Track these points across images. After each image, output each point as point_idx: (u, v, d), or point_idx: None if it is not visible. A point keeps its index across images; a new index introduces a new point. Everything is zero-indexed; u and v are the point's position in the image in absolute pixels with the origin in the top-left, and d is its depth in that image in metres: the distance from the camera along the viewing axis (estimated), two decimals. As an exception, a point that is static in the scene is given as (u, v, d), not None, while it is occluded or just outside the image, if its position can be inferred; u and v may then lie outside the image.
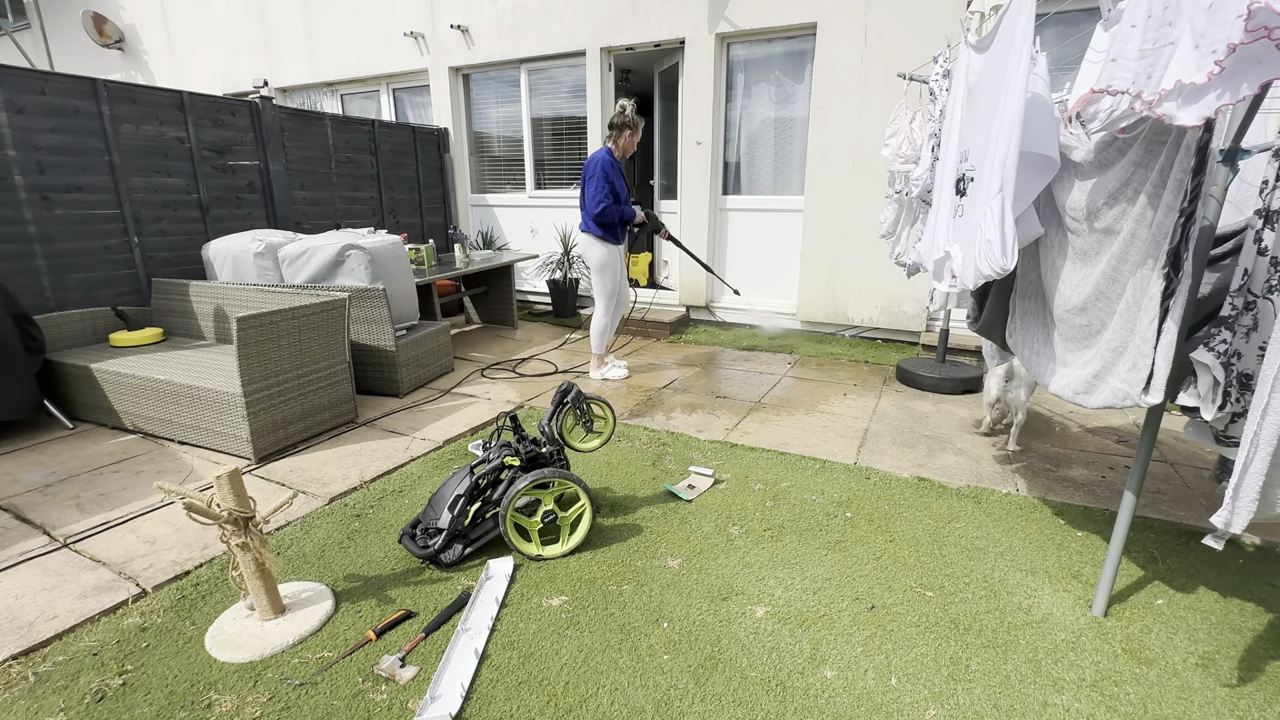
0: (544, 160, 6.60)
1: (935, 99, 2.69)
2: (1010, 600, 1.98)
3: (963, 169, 2.08)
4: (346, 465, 2.91)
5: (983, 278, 1.91)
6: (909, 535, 2.35)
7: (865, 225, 4.99)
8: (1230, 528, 1.39)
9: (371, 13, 6.75)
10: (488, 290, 5.92)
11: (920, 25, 4.53)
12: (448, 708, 1.53)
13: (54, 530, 2.34)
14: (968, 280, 1.99)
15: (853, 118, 4.91)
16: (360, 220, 5.74)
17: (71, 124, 3.69)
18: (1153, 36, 1.31)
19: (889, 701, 1.59)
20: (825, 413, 3.66)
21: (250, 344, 2.82)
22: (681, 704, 1.57)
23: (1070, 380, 1.92)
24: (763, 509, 2.55)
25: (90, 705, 1.56)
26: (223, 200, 4.55)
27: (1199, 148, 1.43)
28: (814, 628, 1.85)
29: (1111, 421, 3.54)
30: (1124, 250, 1.66)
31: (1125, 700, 1.59)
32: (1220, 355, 1.45)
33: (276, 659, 1.72)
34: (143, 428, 3.23)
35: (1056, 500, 2.62)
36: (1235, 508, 1.37)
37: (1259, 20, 1.14)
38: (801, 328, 5.61)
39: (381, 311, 3.70)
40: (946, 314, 4.23)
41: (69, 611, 1.89)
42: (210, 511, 1.69)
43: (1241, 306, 1.43)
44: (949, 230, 2.17)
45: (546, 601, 1.97)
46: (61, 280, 3.70)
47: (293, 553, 2.23)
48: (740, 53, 5.45)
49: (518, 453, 2.27)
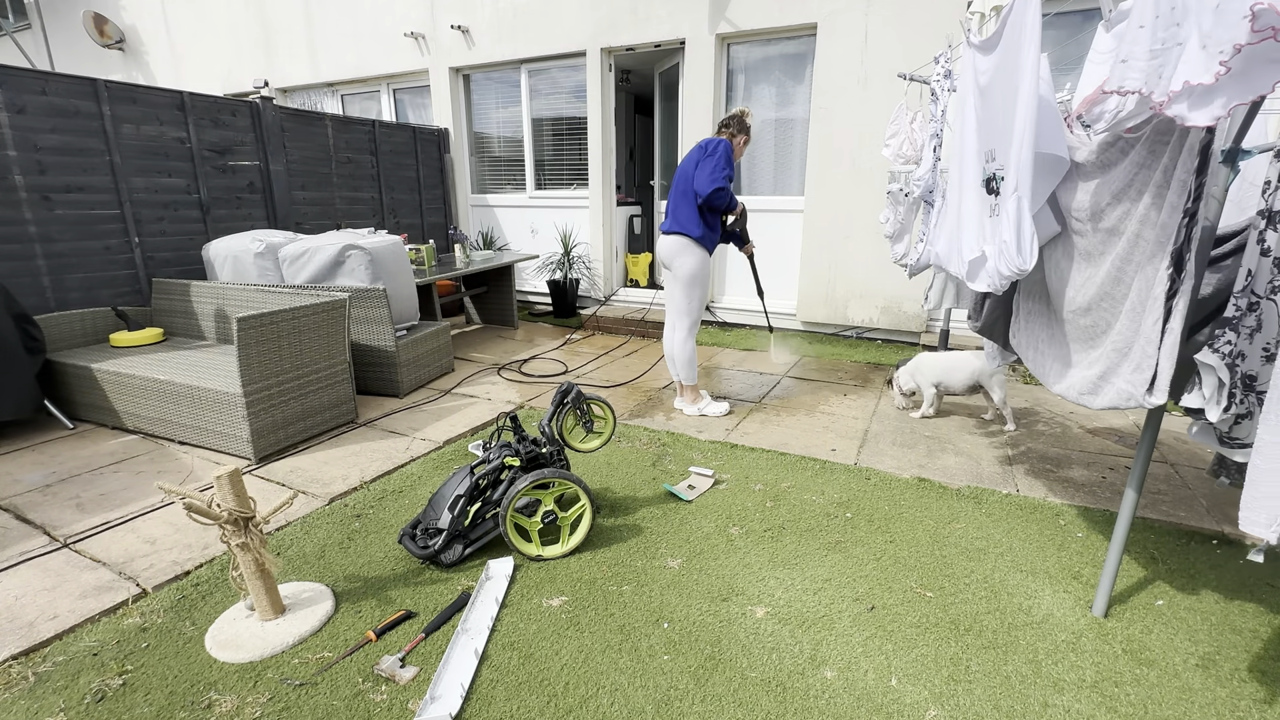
0: (544, 161, 6.60)
1: (936, 99, 2.69)
2: (1010, 601, 1.98)
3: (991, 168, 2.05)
4: (347, 465, 2.91)
5: (1004, 279, 1.89)
6: (909, 536, 2.35)
7: (866, 226, 4.99)
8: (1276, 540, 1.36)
9: (372, 13, 6.75)
10: (488, 290, 5.92)
11: (920, 25, 4.53)
12: (448, 708, 1.53)
13: (54, 530, 2.34)
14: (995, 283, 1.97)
15: (853, 118, 4.91)
16: (361, 220, 5.75)
17: (72, 124, 3.69)
18: (1161, 37, 1.31)
19: (889, 702, 1.58)
20: (825, 413, 3.66)
21: (250, 344, 2.82)
22: (681, 704, 1.57)
23: (1075, 381, 1.92)
24: (763, 509, 2.54)
25: (90, 705, 1.56)
26: (223, 200, 4.55)
27: (1202, 148, 1.42)
28: (814, 628, 1.85)
29: (1112, 422, 3.54)
30: (1128, 251, 1.66)
31: (1126, 701, 1.59)
32: (1225, 357, 1.45)
33: (276, 659, 1.72)
34: (143, 428, 3.23)
35: (1057, 501, 2.62)
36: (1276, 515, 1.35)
37: (1264, 21, 1.14)
38: (802, 328, 5.61)
39: (382, 312, 3.70)
40: (947, 314, 4.23)
41: (69, 611, 1.89)
42: (210, 512, 1.69)
43: (1245, 307, 1.43)
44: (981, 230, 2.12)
45: (546, 602, 1.97)
46: (62, 280, 3.70)
47: (293, 553, 2.23)
48: (740, 53, 5.45)
49: (518, 453, 2.27)
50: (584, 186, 6.33)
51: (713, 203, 3.29)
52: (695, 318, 3.53)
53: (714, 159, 3.29)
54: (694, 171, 3.33)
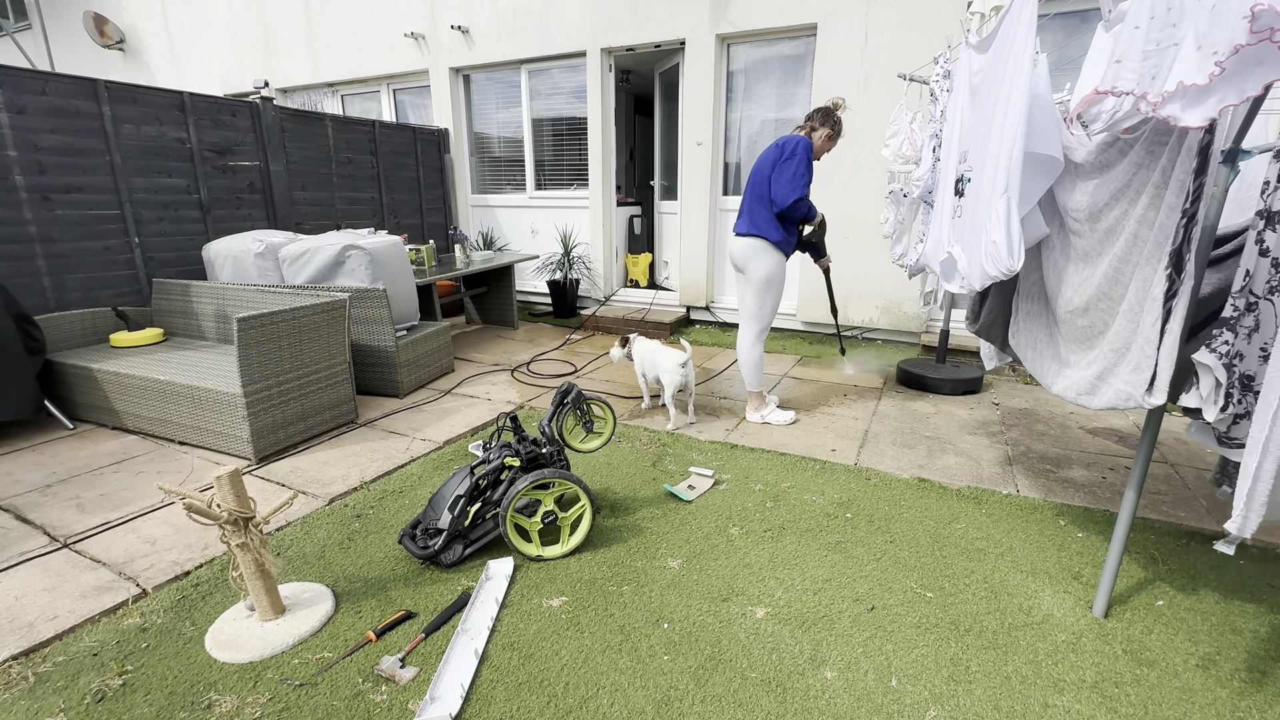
0: (544, 161, 6.61)
1: (936, 99, 2.69)
2: (1011, 601, 1.98)
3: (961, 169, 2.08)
4: (347, 466, 2.91)
5: (989, 279, 1.90)
6: (909, 536, 2.35)
7: (865, 226, 4.99)
8: (1243, 532, 1.38)
9: (372, 13, 6.75)
10: (488, 291, 5.92)
11: (920, 26, 4.53)
12: (448, 708, 1.53)
13: (54, 530, 2.34)
14: (974, 281, 1.99)
15: (853, 118, 4.90)
16: (361, 221, 5.75)
17: (72, 124, 3.69)
18: (1156, 37, 1.31)
19: (889, 703, 1.58)
20: (826, 413, 3.66)
21: (251, 344, 2.82)
22: (681, 705, 1.57)
23: (1073, 381, 1.92)
24: (763, 510, 2.54)
25: (90, 705, 1.56)
26: (223, 201, 4.56)
27: (1201, 148, 1.43)
28: (814, 628, 1.85)
29: (1112, 422, 3.54)
30: (1126, 251, 1.66)
31: (1126, 702, 1.59)
32: (1222, 357, 1.45)
33: (276, 659, 1.72)
34: (143, 428, 3.23)
35: (1057, 501, 2.62)
36: (1248, 513, 1.37)
37: (1264, 22, 1.14)
38: (802, 328, 5.61)
39: (382, 312, 3.70)
40: (947, 314, 4.23)
41: (69, 612, 1.89)
42: (210, 512, 1.69)
43: (1243, 308, 1.43)
44: (950, 231, 2.17)
45: (546, 602, 1.97)
46: (62, 280, 3.70)
47: (293, 553, 2.23)
48: (741, 53, 5.45)
49: (518, 453, 2.27)
50: (584, 187, 6.34)
51: (792, 214, 3.14)
52: (766, 323, 3.38)
53: (793, 162, 3.07)
54: (770, 173, 3.16)
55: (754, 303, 3.34)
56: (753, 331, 3.40)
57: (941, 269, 2.22)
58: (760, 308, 3.34)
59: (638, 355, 3.55)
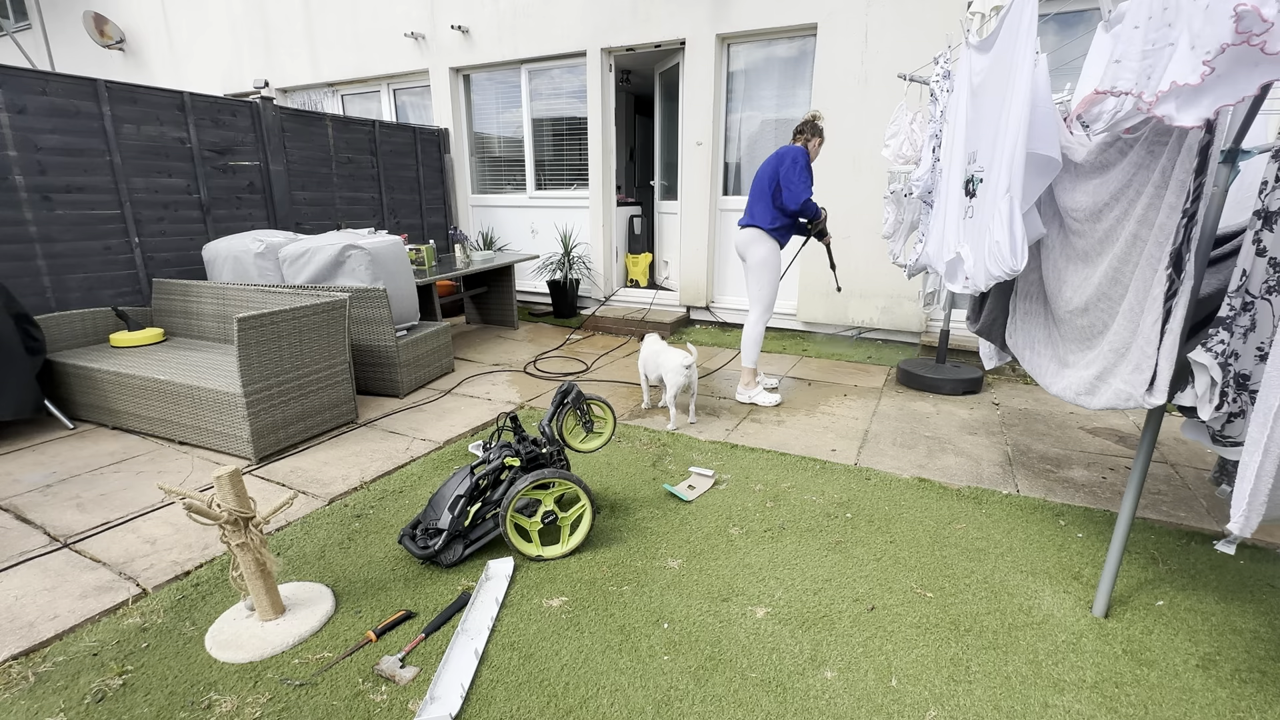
0: (544, 161, 6.61)
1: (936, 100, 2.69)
2: (1011, 601, 1.98)
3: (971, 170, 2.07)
4: (347, 466, 2.91)
5: (993, 279, 1.90)
6: (909, 536, 2.35)
7: (866, 226, 4.99)
8: (1244, 532, 1.38)
9: (372, 13, 6.75)
10: (488, 291, 5.92)
11: (920, 26, 4.53)
12: (448, 708, 1.53)
13: (54, 530, 2.34)
14: (979, 282, 1.98)
15: (853, 118, 4.91)
16: (361, 221, 5.75)
17: (72, 124, 3.69)
18: (1152, 38, 1.31)
19: (889, 703, 1.58)
20: (826, 413, 3.66)
21: (250, 344, 2.82)
22: (681, 705, 1.57)
23: (1072, 382, 1.92)
24: (763, 510, 2.54)
25: (90, 705, 1.56)
26: (223, 200, 4.56)
27: (1201, 148, 1.42)
28: (814, 628, 1.85)
29: (1112, 422, 3.54)
30: (1126, 251, 1.66)
31: (1126, 702, 1.59)
32: (1218, 356, 1.45)
33: (276, 659, 1.72)
34: (143, 428, 3.23)
35: (1057, 501, 2.62)
36: (1249, 512, 1.37)
37: (1245, 24, 1.14)
38: (802, 327, 5.61)
39: (382, 312, 3.70)
40: (947, 314, 4.23)
41: (69, 612, 1.89)
42: (210, 512, 1.69)
43: (1240, 307, 1.43)
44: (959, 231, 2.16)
45: (546, 602, 1.97)
46: (62, 280, 3.70)
47: (293, 553, 2.23)
48: (741, 53, 5.45)
49: (518, 453, 2.27)
50: (584, 187, 6.34)
51: (804, 213, 3.58)
52: (766, 303, 3.75)
53: (796, 169, 3.49)
54: (774, 177, 3.57)
55: (754, 285, 3.75)
56: (756, 312, 3.79)
57: (947, 269, 2.22)
58: (760, 289, 3.73)
59: (642, 353, 3.56)
